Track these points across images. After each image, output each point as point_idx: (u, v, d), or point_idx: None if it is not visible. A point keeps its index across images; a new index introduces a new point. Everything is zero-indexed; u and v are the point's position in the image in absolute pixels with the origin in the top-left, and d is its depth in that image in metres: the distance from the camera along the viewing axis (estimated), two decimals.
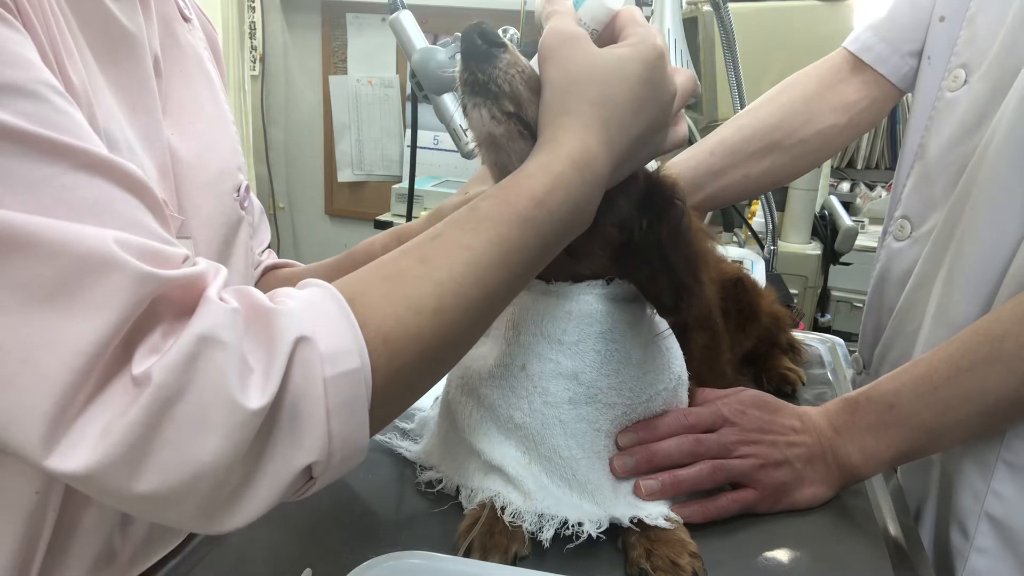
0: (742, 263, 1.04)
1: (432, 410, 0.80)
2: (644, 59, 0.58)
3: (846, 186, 2.98)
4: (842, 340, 1.21)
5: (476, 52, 0.59)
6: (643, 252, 0.66)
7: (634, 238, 0.66)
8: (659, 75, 0.59)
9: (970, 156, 0.80)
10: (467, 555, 0.62)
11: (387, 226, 2.77)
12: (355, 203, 3.47)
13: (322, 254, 0.90)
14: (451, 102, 0.95)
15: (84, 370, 0.40)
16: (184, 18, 0.72)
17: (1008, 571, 0.73)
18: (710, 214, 1.65)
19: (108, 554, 0.63)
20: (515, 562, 0.62)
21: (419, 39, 1.00)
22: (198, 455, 0.42)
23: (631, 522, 0.64)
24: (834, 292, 2.50)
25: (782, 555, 0.66)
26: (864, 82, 1.02)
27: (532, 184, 0.55)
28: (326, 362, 0.45)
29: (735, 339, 0.93)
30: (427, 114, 1.00)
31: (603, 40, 0.62)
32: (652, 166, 0.70)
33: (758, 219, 2.11)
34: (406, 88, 3.21)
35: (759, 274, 1.40)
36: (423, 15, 1.19)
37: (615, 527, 0.65)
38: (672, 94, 0.62)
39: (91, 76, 0.55)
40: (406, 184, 2.53)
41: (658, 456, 0.68)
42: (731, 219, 1.82)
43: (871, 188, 2.99)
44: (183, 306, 0.44)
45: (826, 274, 2.34)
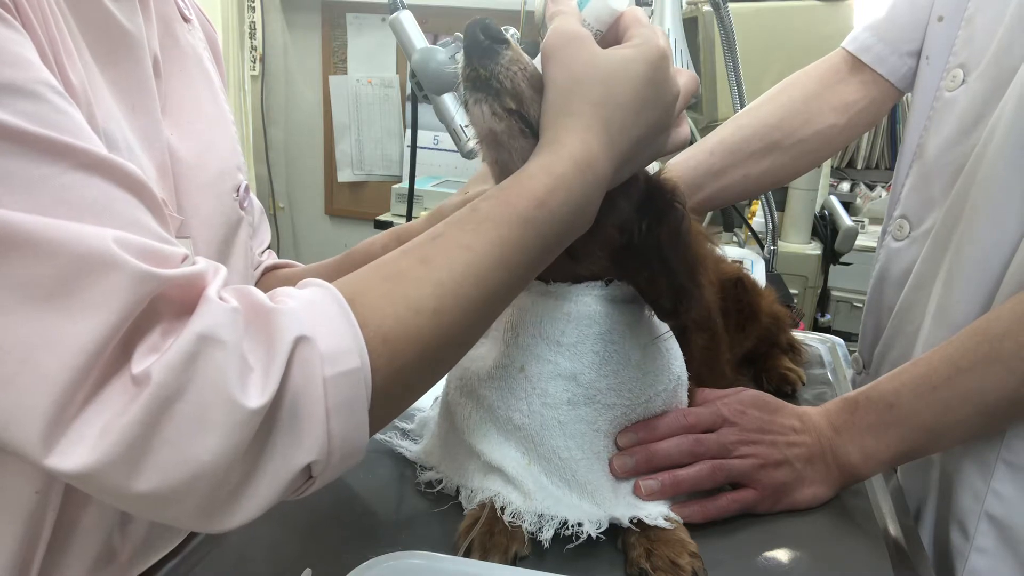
0: (742, 263, 1.04)
1: (432, 410, 0.80)
2: (648, 60, 0.58)
3: (846, 186, 2.98)
4: (842, 340, 1.21)
5: (479, 47, 0.58)
6: (643, 254, 0.66)
7: (634, 240, 0.66)
8: (662, 76, 0.59)
9: (968, 155, 0.80)
10: (467, 555, 0.62)
11: (387, 226, 2.77)
12: (355, 203, 3.47)
13: (322, 254, 0.90)
14: (451, 102, 0.95)
15: (84, 369, 0.40)
16: (184, 18, 0.72)
17: (1008, 571, 0.73)
18: (710, 214, 1.65)
19: (108, 554, 0.63)
20: (515, 562, 0.62)
21: (419, 39, 1.00)
22: (198, 454, 0.42)
23: (631, 522, 0.64)
24: (834, 292, 2.49)
25: (782, 555, 0.66)
26: (863, 82, 1.02)
27: (533, 185, 0.55)
28: (326, 362, 0.45)
29: (735, 339, 0.93)
30: (427, 114, 1.00)
31: (607, 41, 0.62)
32: (653, 168, 0.70)
33: (758, 219, 2.11)
34: (406, 88, 3.21)
35: (759, 274, 1.40)
36: (423, 15, 1.19)
37: (615, 527, 0.65)
38: (675, 95, 0.61)
39: (90, 76, 0.55)
40: (406, 184, 2.53)
41: (658, 456, 0.68)
42: (731, 219, 1.82)
43: (871, 188, 2.98)
44: (183, 305, 0.44)
45: (826, 274, 2.34)
